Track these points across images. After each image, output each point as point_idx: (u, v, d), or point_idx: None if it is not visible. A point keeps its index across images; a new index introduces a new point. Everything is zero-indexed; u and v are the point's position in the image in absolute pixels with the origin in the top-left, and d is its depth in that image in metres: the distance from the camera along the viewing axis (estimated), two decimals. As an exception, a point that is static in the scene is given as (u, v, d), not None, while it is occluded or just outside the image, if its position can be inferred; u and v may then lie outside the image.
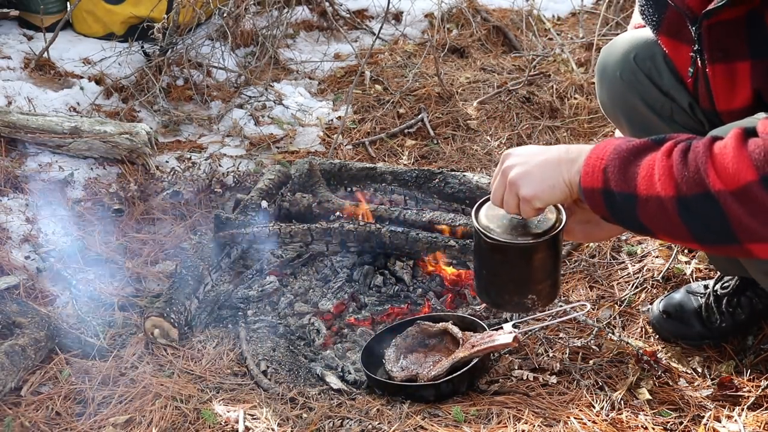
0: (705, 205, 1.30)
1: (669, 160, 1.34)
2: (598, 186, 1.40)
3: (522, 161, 1.49)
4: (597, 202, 1.41)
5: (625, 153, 1.39)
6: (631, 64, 1.90)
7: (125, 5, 4.00)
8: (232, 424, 1.94)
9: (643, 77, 1.89)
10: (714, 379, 2.03)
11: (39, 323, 2.18)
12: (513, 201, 1.49)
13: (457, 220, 2.52)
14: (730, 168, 1.27)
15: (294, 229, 2.51)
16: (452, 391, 2.03)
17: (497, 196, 1.52)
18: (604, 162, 1.39)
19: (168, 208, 2.89)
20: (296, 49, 4.27)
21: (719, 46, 1.62)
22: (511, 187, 1.48)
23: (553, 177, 1.45)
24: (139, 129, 3.11)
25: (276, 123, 3.54)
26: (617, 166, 1.38)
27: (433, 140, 3.37)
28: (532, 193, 1.46)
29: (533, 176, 1.46)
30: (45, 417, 1.97)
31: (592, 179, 1.40)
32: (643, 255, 2.46)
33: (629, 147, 1.39)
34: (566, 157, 1.45)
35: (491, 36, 4.27)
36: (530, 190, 1.46)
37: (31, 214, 2.78)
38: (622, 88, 1.93)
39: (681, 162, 1.33)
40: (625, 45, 1.93)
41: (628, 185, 1.37)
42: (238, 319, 2.37)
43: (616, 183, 1.38)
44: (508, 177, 1.48)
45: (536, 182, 1.46)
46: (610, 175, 1.38)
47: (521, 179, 1.46)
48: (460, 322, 2.17)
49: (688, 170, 1.31)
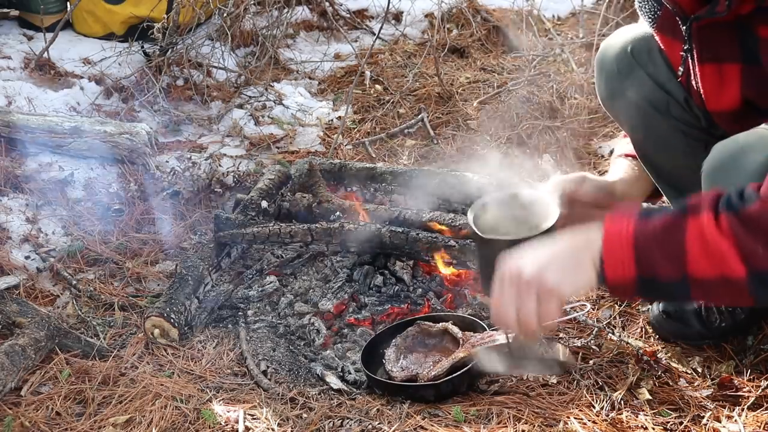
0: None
1: (723, 235, 1.27)
2: (632, 276, 1.33)
3: (530, 260, 1.39)
4: (625, 291, 1.36)
5: (654, 235, 1.32)
6: (629, 57, 1.90)
7: (125, 5, 4.00)
8: (232, 424, 1.94)
9: (640, 70, 1.89)
10: (714, 379, 2.03)
11: (39, 323, 2.18)
12: (531, 304, 1.36)
13: (457, 220, 2.52)
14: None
15: (294, 229, 2.51)
16: (452, 391, 2.03)
17: (507, 312, 1.39)
18: (632, 250, 1.32)
19: (168, 208, 2.89)
20: (296, 49, 4.27)
21: (708, 47, 1.62)
22: (529, 288, 1.36)
23: (574, 261, 1.37)
24: (139, 129, 3.11)
25: (276, 123, 3.54)
26: (654, 252, 1.31)
27: (433, 140, 3.37)
28: (556, 281, 1.35)
29: (553, 266, 1.37)
30: (45, 417, 1.97)
31: (623, 271, 1.33)
32: (643, 255, 2.46)
33: (656, 227, 1.32)
34: (578, 242, 1.39)
35: (491, 36, 4.27)
36: (555, 278, 1.35)
37: (31, 214, 2.78)
38: (620, 81, 1.93)
39: (745, 234, 1.26)
40: (623, 38, 1.93)
41: (675, 270, 1.30)
42: (238, 319, 2.37)
43: (659, 270, 1.31)
44: (522, 280, 1.37)
45: (558, 270, 1.36)
46: (645, 263, 1.32)
47: (541, 273, 1.36)
48: (460, 322, 2.16)
49: (757, 243, 1.25)
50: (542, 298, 1.36)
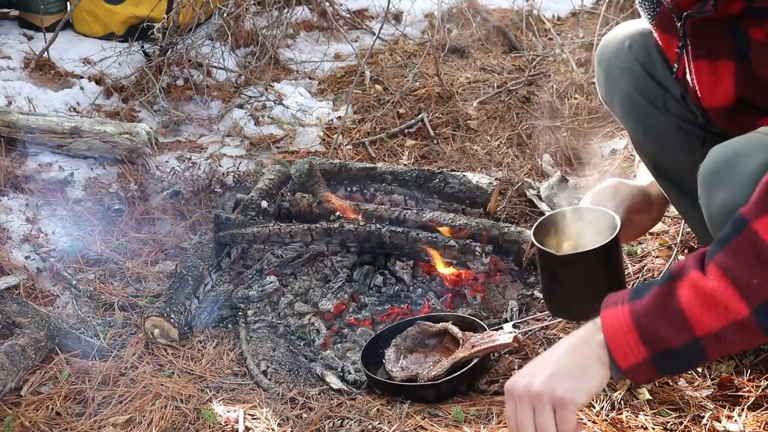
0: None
1: (715, 281, 1.25)
2: (644, 356, 1.30)
3: (534, 371, 1.37)
4: (645, 373, 1.33)
5: (651, 309, 1.30)
6: (626, 52, 1.91)
7: (125, 5, 4.00)
8: (232, 424, 1.94)
9: (638, 66, 1.90)
10: (714, 379, 2.03)
11: (39, 323, 2.18)
12: (548, 414, 1.33)
13: (457, 220, 2.52)
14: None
15: (294, 229, 2.51)
16: (452, 391, 2.03)
17: (525, 425, 1.35)
18: (635, 332, 1.30)
19: (168, 208, 2.89)
20: (296, 49, 4.27)
21: (703, 44, 1.63)
22: (542, 398, 1.33)
23: (579, 367, 1.33)
24: (139, 129, 3.11)
25: (276, 123, 3.54)
26: (656, 326, 1.29)
27: (433, 140, 3.37)
28: (569, 391, 1.31)
29: (559, 373, 1.33)
30: (45, 417, 1.97)
31: (634, 355, 1.31)
32: (643, 255, 2.46)
33: (650, 302, 1.31)
34: (575, 346, 1.36)
35: (491, 36, 4.27)
36: (565, 388, 1.32)
37: (31, 214, 2.78)
38: (618, 76, 1.94)
39: (736, 268, 1.24)
40: (622, 34, 1.94)
41: (684, 336, 1.28)
42: (238, 319, 2.37)
43: (667, 340, 1.29)
44: (532, 392, 1.34)
45: (566, 380, 1.33)
46: (652, 339, 1.29)
47: (548, 383, 1.33)
48: (461, 322, 2.16)
49: (752, 274, 1.23)
50: (557, 407, 1.33)
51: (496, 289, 2.47)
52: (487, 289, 2.45)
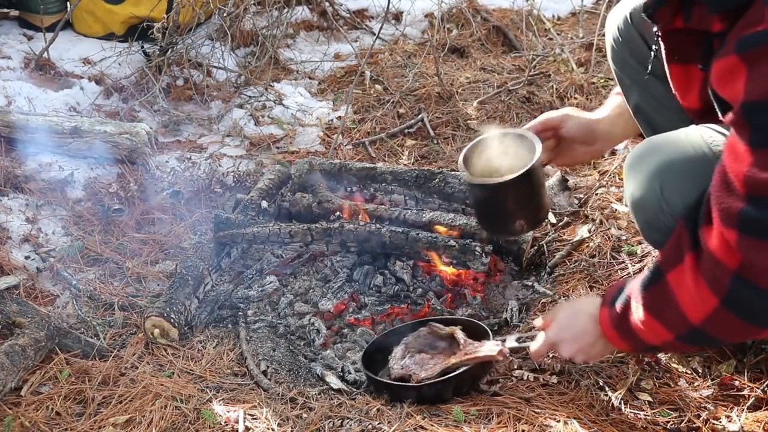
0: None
1: (645, 317, 1.61)
2: (631, 349, 1.77)
3: (567, 341, 1.83)
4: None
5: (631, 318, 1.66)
6: (627, 21, 1.99)
7: (125, 5, 4.00)
8: (232, 424, 1.94)
9: (636, 33, 1.97)
10: (714, 379, 2.03)
11: (39, 323, 2.18)
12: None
13: (457, 220, 2.52)
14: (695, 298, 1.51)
15: (294, 229, 2.51)
16: (435, 396, 2.00)
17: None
18: (617, 336, 1.72)
19: (168, 208, 2.89)
20: (296, 49, 4.27)
21: (676, 49, 1.71)
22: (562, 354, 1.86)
23: (597, 348, 1.80)
24: (139, 129, 3.11)
25: (276, 123, 3.54)
26: (632, 332, 1.67)
27: (433, 140, 3.37)
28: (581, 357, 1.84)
29: (581, 350, 1.83)
30: (45, 417, 1.97)
31: (625, 347, 1.78)
32: (643, 255, 2.46)
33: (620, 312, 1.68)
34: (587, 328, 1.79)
35: (491, 36, 4.28)
36: (581, 357, 1.84)
37: (31, 214, 2.78)
38: (619, 45, 2.03)
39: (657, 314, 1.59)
40: (625, 6, 2.02)
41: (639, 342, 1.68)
42: (238, 319, 2.37)
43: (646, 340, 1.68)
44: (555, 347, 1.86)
45: (586, 355, 1.83)
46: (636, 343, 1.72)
47: (570, 352, 1.84)
48: (473, 327, 2.12)
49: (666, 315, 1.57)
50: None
51: (496, 289, 2.47)
52: (487, 289, 2.45)
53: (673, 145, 1.70)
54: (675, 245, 1.54)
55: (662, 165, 1.67)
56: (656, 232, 1.71)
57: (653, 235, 1.74)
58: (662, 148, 1.70)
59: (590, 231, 2.61)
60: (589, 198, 2.80)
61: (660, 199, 1.66)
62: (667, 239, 1.60)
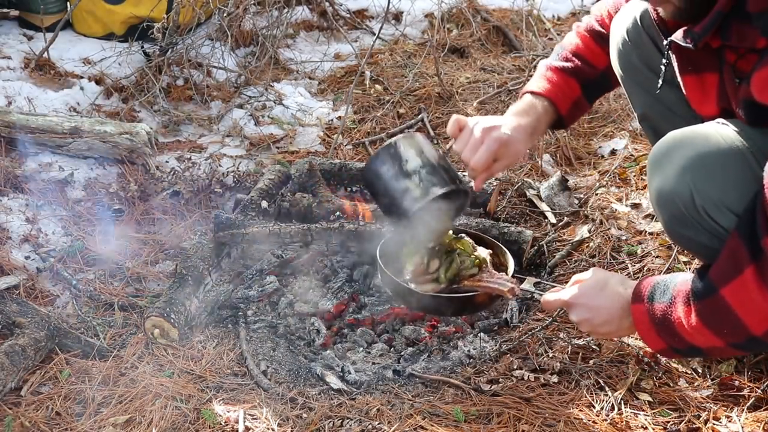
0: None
1: (698, 326, 1.56)
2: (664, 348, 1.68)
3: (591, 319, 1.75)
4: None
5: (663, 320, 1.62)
6: (637, 24, 1.96)
7: (125, 5, 4.00)
8: (232, 424, 1.94)
9: (647, 38, 1.94)
10: (714, 379, 2.03)
11: (39, 323, 2.18)
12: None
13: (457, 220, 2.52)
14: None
15: (294, 229, 2.51)
16: (434, 309, 2.01)
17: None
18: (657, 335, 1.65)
19: (168, 208, 2.89)
20: (296, 49, 4.27)
21: (689, 60, 1.71)
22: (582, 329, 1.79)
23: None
24: (139, 129, 3.11)
25: (276, 123, 3.54)
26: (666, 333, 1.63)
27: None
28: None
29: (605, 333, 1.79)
30: (45, 417, 1.97)
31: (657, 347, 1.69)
32: (643, 255, 2.46)
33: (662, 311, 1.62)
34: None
35: (491, 36, 4.28)
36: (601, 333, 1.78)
37: (31, 214, 2.78)
38: (627, 48, 1.99)
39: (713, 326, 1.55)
40: (634, 8, 1.99)
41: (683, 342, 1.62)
42: (238, 319, 2.37)
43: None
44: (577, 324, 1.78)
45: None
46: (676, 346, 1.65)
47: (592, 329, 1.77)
48: (498, 253, 2.07)
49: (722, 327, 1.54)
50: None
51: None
52: (487, 289, 2.44)
53: (703, 138, 1.64)
54: (730, 257, 1.49)
55: (694, 158, 1.61)
56: (684, 227, 1.65)
57: (681, 230, 1.67)
58: (693, 142, 1.64)
59: (590, 231, 2.61)
60: (589, 198, 2.80)
61: (693, 193, 1.60)
62: (696, 234, 1.58)
